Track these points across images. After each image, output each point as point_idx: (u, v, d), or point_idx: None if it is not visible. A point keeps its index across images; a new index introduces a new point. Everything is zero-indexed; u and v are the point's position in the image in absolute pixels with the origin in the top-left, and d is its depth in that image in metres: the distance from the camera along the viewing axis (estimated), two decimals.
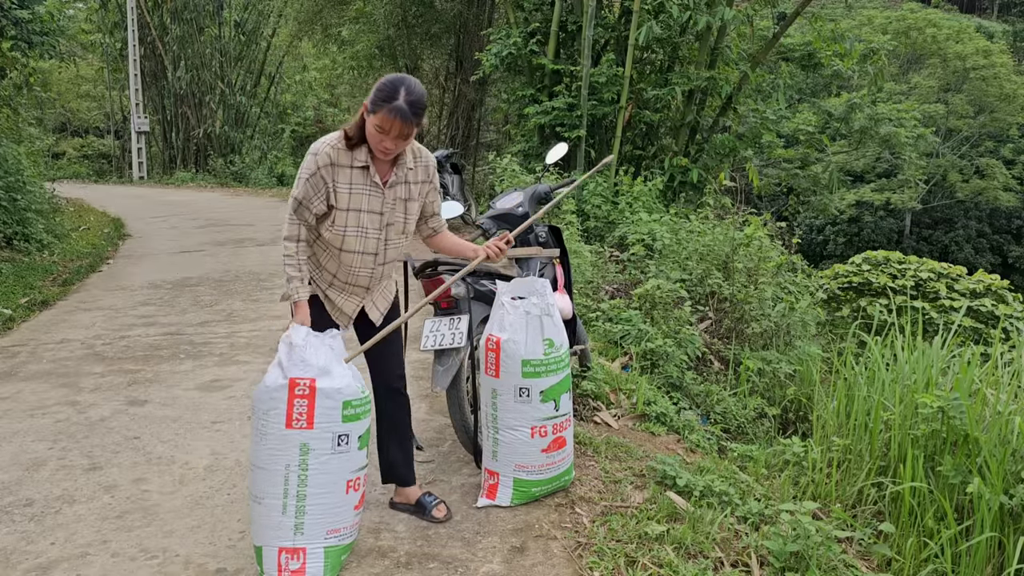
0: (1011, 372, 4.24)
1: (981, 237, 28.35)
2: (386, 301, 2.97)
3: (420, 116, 2.60)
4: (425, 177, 2.86)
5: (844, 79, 12.83)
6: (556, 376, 3.05)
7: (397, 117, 2.54)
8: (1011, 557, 2.97)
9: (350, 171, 2.69)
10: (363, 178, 2.71)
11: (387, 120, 2.55)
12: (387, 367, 2.98)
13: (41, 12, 9.34)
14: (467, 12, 16.49)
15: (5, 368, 5.07)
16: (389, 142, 2.60)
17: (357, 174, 2.70)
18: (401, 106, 2.54)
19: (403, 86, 2.56)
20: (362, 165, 2.69)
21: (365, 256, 2.78)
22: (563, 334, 3.13)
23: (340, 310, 2.87)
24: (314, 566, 2.53)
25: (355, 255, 2.77)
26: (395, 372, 3.00)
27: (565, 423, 3.13)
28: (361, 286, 2.86)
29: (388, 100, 2.54)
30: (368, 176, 2.71)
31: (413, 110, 2.56)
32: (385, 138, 2.59)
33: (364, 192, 2.71)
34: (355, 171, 2.69)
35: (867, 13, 29.22)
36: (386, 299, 2.97)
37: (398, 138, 2.60)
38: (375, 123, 2.57)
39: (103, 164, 27.22)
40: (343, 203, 2.69)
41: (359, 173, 2.70)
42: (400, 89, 2.55)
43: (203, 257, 9.14)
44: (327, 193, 2.68)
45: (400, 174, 2.76)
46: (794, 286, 7.44)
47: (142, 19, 21.63)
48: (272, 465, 2.49)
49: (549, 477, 3.14)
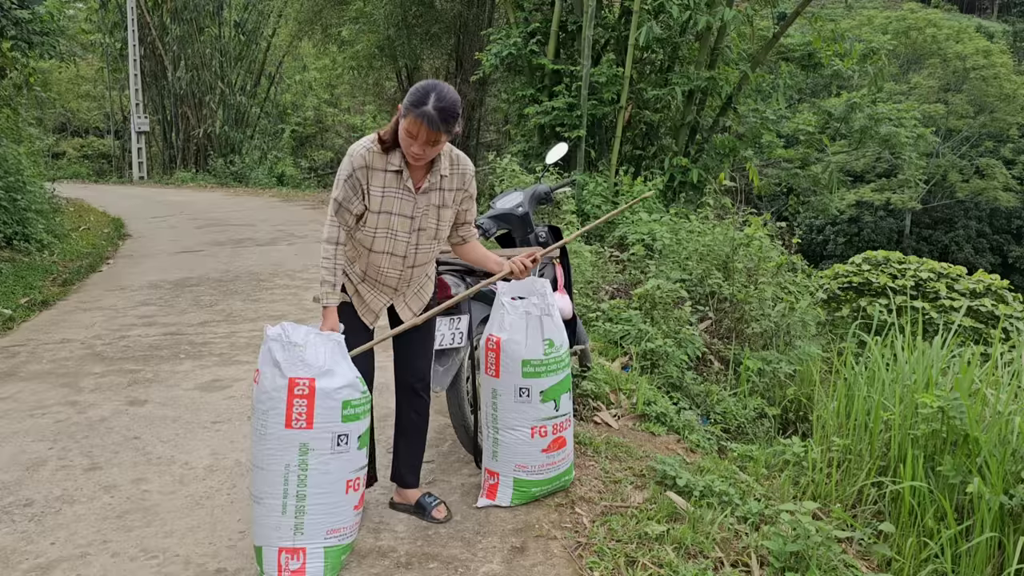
0: (1011, 372, 4.24)
1: (981, 237, 28.36)
2: (420, 302, 2.97)
3: (450, 123, 2.57)
4: (461, 185, 2.84)
5: (844, 79, 12.83)
6: (556, 376, 3.05)
7: (424, 122, 2.52)
8: (1011, 557, 2.97)
9: (384, 174, 2.69)
10: (396, 182, 2.71)
11: (415, 124, 2.54)
12: (411, 366, 2.99)
13: (41, 12, 9.33)
14: (467, 12, 16.51)
15: (5, 368, 5.07)
16: (417, 147, 2.59)
17: (391, 178, 2.70)
18: (429, 111, 2.52)
19: (434, 92, 2.55)
20: (396, 169, 2.70)
21: (394, 258, 2.79)
22: (563, 334, 3.13)
23: (368, 307, 2.88)
24: (314, 566, 2.53)
25: (383, 256, 2.78)
26: (418, 373, 3.01)
27: (565, 423, 3.13)
28: (389, 286, 2.87)
29: (417, 105, 2.53)
30: (401, 180, 2.71)
31: (442, 116, 2.54)
32: (413, 143, 2.58)
33: (396, 196, 2.72)
34: (388, 175, 2.70)
35: (867, 13, 29.23)
36: (420, 300, 2.98)
37: (426, 144, 2.58)
38: (405, 127, 2.57)
39: (103, 164, 27.23)
40: (375, 206, 2.71)
41: (392, 177, 2.71)
42: (431, 95, 2.54)
43: (203, 257, 9.14)
44: (363, 195, 2.70)
45: (434, 180, 2.76)
46: (794, 286, 7.44)
47: (142, 19, 21.64)
48: (272, 465, 2.48)
49: (549, 477, 3.14)
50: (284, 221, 12.65)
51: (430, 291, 3.02)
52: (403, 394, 3.03)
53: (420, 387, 3.01)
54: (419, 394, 3.02)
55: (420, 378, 3.01)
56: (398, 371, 3.01)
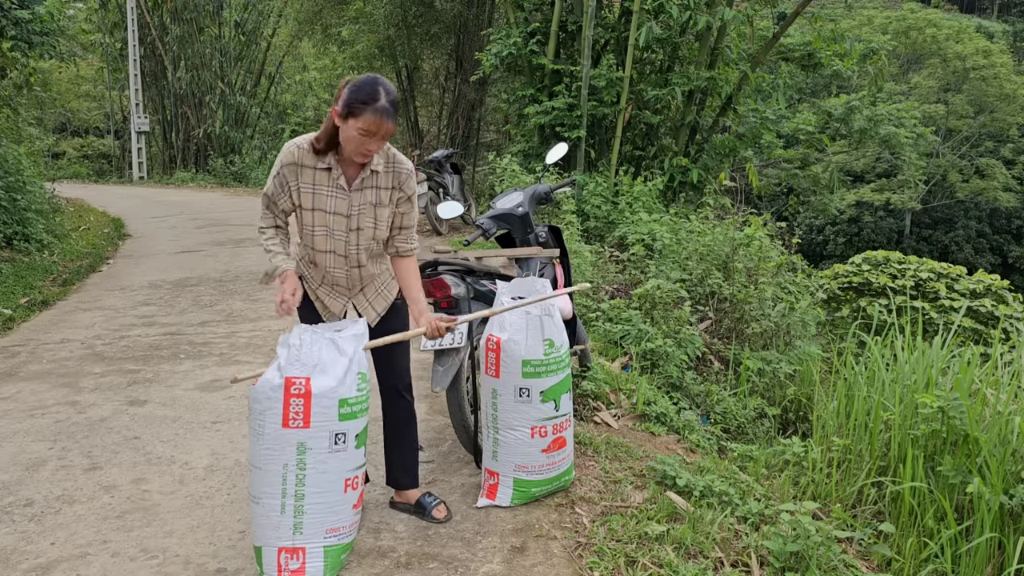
0: (1011, 372, 4.24)
1: (981, 237, 28.36)
2: (384, 301, 2.95)
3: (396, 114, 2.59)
4: (395, 184, 2.77)
5: (844, 79, 12.83)
6: (556, 376, 3.05)
7: (384, 118, 2.51)
8: (1011, 557, 2.97)
9: (313, 172, 2.69)
10: (327, 179, 2.69)
11: (374, 122, 2.50)
12: (391, 368, 2.98)
13: (41, 12, 9.32)
14: (467, 12, 16.50)
15: (5, 368, 5.07)
16: (374, 144, 2.57)
17: (321, 175, 2.69)
18: (385, 106, 2.51)
19: (381, 86, 2.53)
20: (325, 167, 2.68)
21: (336, 256, 2.78)
22: (563, 334, 3.13)
23: (329, 309, 2.90)
24: (314, 565, 2.53)
25: (326, 255, 2.78)
26: (400, 375, 2.99)
27: (565, 423, 3.13)
28: (342, 286, 2.87)
29: (370, 102, 2.49)
30: (331, 178, 2.69)
31: (394, 108, 2.54)
32: (370, 141, 2.55)
33: (329, 194, 2.70)
34: (318, 172, 2.69)
35: (867, 13, 29.23)
36: (384, 299, 2.95)
37: (383, 139, 2.57)
38: (359, 127, 2.51)
39: (103, 164, 27.21)
40: (307, 203, 2.72)
41: (323, 174, 2.69)
42: (379, 89, 2.51)
43: (203, 257, 9.14)
44: (290, 192, 2.71)
45: (367, 177, 2.72)
46: (794, 286, 7.43)
47: (142, 19, 21.63)
48: (270, 465, 2.48)
49: (549, 477, 3.14)
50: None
51: (394, 291, 2.97)
52: (387, 397, 3.02)
53: (403, 388, 3.00)
54: (403, 395, 3.00)
55: (402, 379, 2.99)
56: (380, 375, 2.99)
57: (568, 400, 3.14)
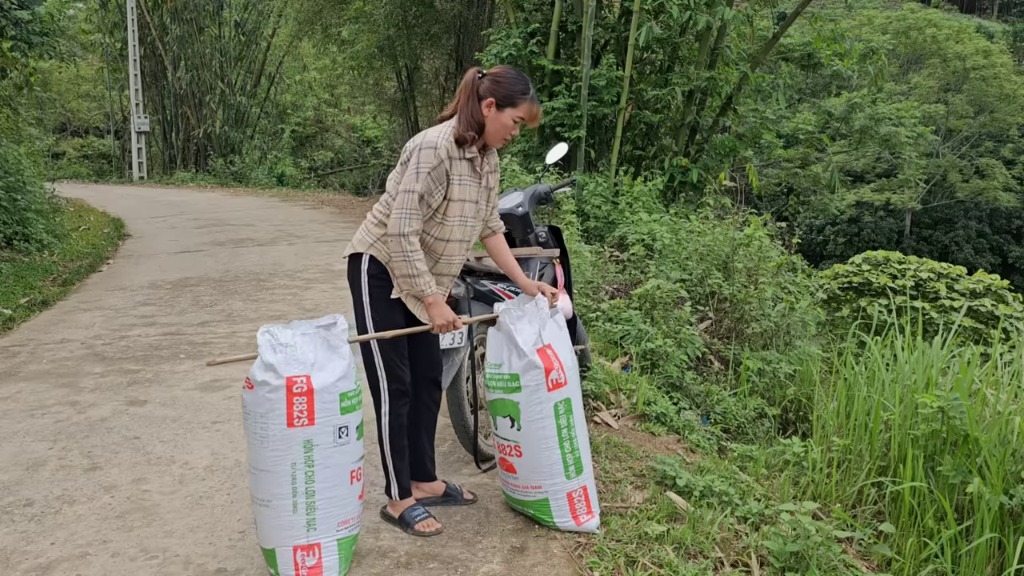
0: (1011, 372, 4.24)
1: (981, 237, 28.35)
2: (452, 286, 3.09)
3: None
4: (495, 165, 2.98)
5: (844, 79, 12.84)
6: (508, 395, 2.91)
7: (537, 104, 2.77)
8: (1011, 557, 2.97)
9: (461, 163, 2.79)
10: (469, 169, 2.81)
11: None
12: (432, 361, 3.02)
13: (41, 12, 9.33)
14: (467, 12, 16.51)
15: (5, 368, 5.07)
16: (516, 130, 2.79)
17: (465, 165, 2.80)
18: (535, 94, 2.77)
19: (522, 75, 2.79)
20: (471, 157, 2.80)
21: (463, 244, 2.88)
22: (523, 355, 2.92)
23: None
24: (329, 559, 2.56)
25: (457, 244, 2.86)
26: (437, 365, 3.05)
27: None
28: (452, 275, 2.95)
29: (527, 91, 2.74)
30: (473, 167, 2.82)
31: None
32: (516, 128, 2.77)
33: (469, 183, 2.82)
34: (464, 163, 2.79)
35: (867, 13, 29.23)
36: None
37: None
38: (518, 115, 2.75)
39: (103, 164, 27.23)
40: (456, 195, 2.78)
41: (467, 165, 2.80)
42: (526, 78, 2.79)
43: (203, 257, 9.14)
44: (447, 186, 2.76)
45: (491, 162, 2.90)
46: (794, 286, 7.43)
47: (142, 19, 21.65)
48: (277, 467, 2.48)
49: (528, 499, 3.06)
50: (284, 221, 12.65)
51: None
52: (425, 390, 3.02)
53: (437, 374, 3.06)
54: (438, 384, 3.08)
55: (439, 370, 3.07)
56: (420, 367, 2.98)
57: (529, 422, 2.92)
